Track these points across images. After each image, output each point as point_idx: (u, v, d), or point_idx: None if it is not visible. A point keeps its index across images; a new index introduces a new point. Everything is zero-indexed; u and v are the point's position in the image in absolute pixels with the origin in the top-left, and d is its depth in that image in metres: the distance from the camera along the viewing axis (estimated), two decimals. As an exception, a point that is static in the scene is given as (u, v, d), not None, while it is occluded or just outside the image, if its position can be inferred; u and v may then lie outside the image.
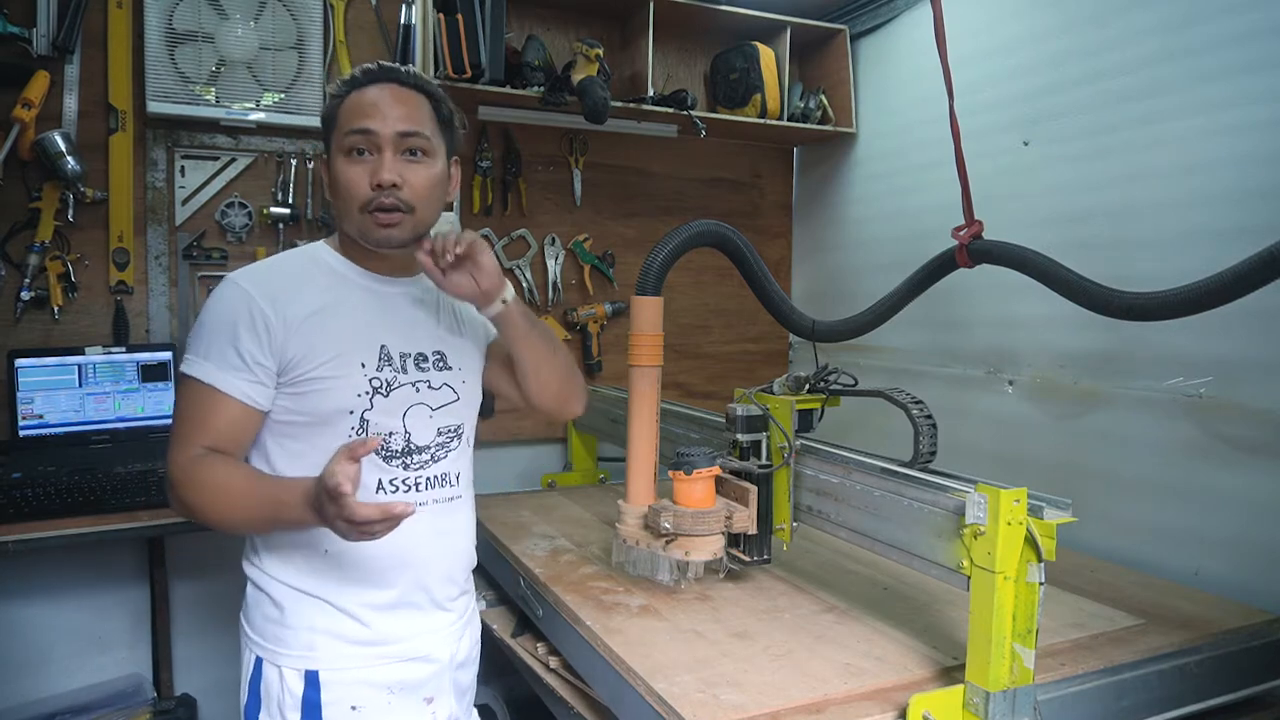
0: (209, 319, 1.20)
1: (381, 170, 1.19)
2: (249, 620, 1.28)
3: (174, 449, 1.18)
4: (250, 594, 1.28)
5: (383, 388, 1.25)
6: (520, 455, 2.69)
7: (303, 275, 1.25)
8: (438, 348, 1.34)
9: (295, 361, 1.20)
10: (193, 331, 1.22)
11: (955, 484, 1.25)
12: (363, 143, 1.21)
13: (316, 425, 1.22)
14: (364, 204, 1.21)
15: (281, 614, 1.24)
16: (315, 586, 1.24)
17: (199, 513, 1.17)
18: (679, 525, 1.49)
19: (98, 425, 2.07)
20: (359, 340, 1.25)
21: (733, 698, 1.19)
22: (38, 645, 2.14)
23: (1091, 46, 1.97)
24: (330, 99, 1.26)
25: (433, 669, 1.32)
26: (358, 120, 1.21)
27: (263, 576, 1.26)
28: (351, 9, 2.34)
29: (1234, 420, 1.70)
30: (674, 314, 2.81)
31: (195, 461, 1.16)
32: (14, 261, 2.06)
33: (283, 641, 1.24)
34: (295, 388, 1.20)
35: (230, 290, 1.21)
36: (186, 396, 1.20)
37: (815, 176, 2.98)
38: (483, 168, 2.52)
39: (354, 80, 1.24)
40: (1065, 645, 1.38)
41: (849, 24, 2.70)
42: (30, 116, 1.99)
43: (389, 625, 1.27)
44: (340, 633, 1.24)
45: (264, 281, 1.22)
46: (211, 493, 1.15)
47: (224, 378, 1.17)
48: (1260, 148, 1.65)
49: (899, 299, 1.94)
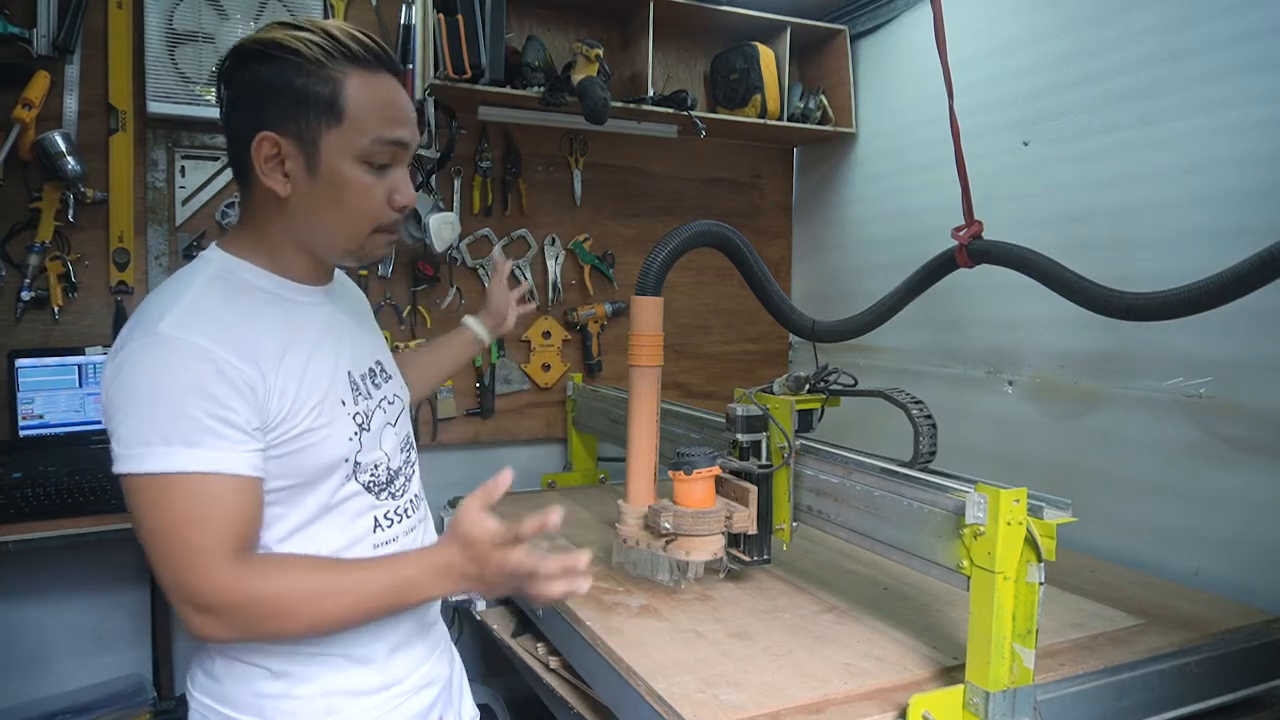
0: (165, 392, 0.91)
1: (406, 191, 1.04)
2: (226, 701, 1.05)
3: (188, 572, 0.92)
4: (221, 669, 1.05)
5: (365, 422, 1.09)
6: (520, 455, 2.69)
7: (245, 309, 1.00)
8: (377, 357, 1.20)
9: (280, 419, 0.98)
10: (122, 413, 0.92)
11: (955, 484, 1.25)
12: (390, 156, 1.02)
13: (304, 485, 1.03)
14: (383, 224, 1.05)
15: (287, 684, 1.05)
16: (327, 645, 1.06)
17: (261, 631, 0.96)
18: (679, 525, 1.49)
19: (98, 425, 2.06)
20: (330, 375, 1.06)
21: (733, 698, 1.19)
22: (38, 645, 2.14)
23: (1091, 47, 1.97)
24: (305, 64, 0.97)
25: (437, 690, 1.24)
26: (393, 128, 1.01)
27: (244, 648, 1.04)
28: (351, 9, 2.34)
29: (1234, 420, 1.70)
30: (674, 314, 2.81)
31: (239, 576, 0.93)
32: (14, 261, 2.05)
33: (293, 714, 1.05)
34: (281, 448, 0.99)
35: (175, 347, 0.92)
36: (168, 502, 0.91)
37: (815, 176, 2.98)
38: (483, 168, 2.52)
39: (352, 55, 0.99)
40: (1065, 645, 1.38)
41: (849, 24, 2.70)
42: (30, 117, 1.98)
43: (403, 663, 1.15)
44: (361, 686, 1.10)
45: (213, 329, 0.95)
46: (284, 604, 0.94)
47: (218, 456, 0.92)
48: (1260, 148, 1.65)
49: (899, 299, 1.94)
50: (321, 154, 0.99)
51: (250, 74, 0.99)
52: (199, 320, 0.95)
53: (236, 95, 1.01)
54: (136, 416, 0.91)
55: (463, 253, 2.53)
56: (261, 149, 0.98)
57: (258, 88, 0.99)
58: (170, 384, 0.92)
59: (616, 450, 2.35)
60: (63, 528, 1.74)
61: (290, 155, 0.99)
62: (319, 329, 1.08)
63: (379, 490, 1.12)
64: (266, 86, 0.98)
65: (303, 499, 1.03)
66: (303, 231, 1.05)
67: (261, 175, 1.00)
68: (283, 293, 1.06)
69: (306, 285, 1.09)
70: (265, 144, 0.98)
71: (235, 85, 1.01)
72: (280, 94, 0.98)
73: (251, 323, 0.99)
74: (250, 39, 1.00)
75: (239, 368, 0.94)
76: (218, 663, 1.06)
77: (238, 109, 1.01)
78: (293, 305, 1.06)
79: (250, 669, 1.05)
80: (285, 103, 0.98)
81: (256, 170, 1.00)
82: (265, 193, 1.02)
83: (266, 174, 1.00)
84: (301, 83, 0.97)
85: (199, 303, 0.98)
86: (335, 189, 1.01)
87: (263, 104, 0.98)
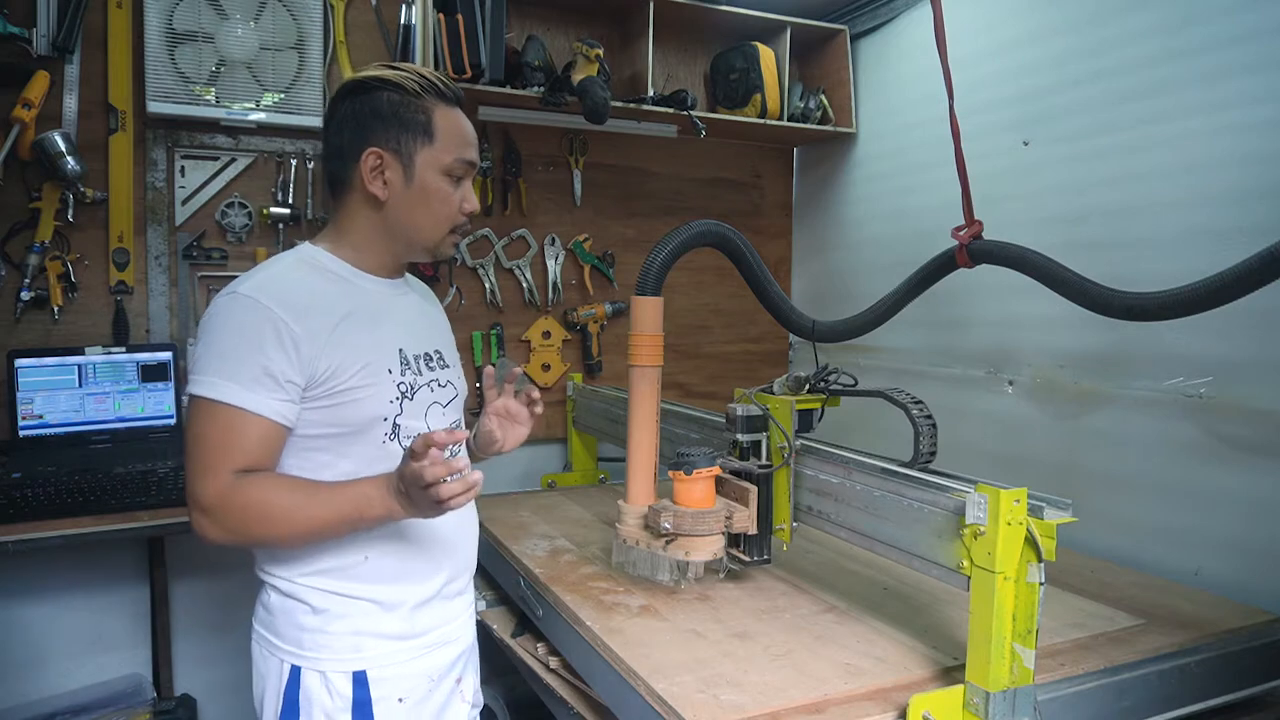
0: (227, 338, 1.15)
1: (473, 199, 1.29)
2: (275, 631, 1.25)
3: (201, 478, 1.13)
4: (275, 603, 1.25)
5: (408, 391, 1.27)
6: (520, 455, 2.68)
7: (314, 285, 1.22)
8: (437, 346, 1.38)
9: (326, 375, 1.18)
10: (201, 350, 1.16)
11: (955, 484, 1.25)
12: (464, 171, 1.27)
13: (349, 435, 1.21)
14: (455, 226, 1.29)
15: (323, 619, 1.23)
16: (360, 589, 1.24)
17: (248, 534, 1.14)
18: (679, 525, 1.49)
19: (98, 425, 2.07)
20: (381, 347, 1.25)
21: (733, 698, 1.19)
22: (38, 645, 2.14)
23: (1091, 47, 1.97)
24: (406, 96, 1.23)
25: (459, 650, 1.38)
26: (468, 150, 1.27)
27: (293, 585, 1.23)
28: (351, 9, 2.34)
29: (1234, 420, 1.70)
30: (674, 314, 2.81)
31: (233, 486, 1.12)
32: (14, 261, 2.05)
33: (326, 647, 1.23)
34: (326, 400, 1.19)
35: (248, 306, 1.15)
36: (209, 421, 1.14)
37: (815, 176, 2.98)
38: (483, 168, 2.52)
39: (440, 92, 1.25)
40: (1065, 645, 1.38)
41: (849, 24, 2.70)
42: (30, 116, 1.98)
43: (428, 617, 1.30)
44: (385, 631, 1.26)
45: (281, 295, 1.17)
46: (264, 510, 1.13)
47: (255, 398, 1.13)
48: (1260, 148, 1.65)
49: (899, 299, 1.94)
50: (416, 166, 1.24)
51: (359, 102, 1.23)
52: (272, 288, 1.18)
53: (345, 118, 1.24)
54: (207, 353, 1.15)
55: (463, 253, 2.53)
56: (368, 161, 1.22)
57: (367, 113, 1.23)
58: (236, 333, 1.14)
59: (616, 450, 2.35)
60: (63, 528, 1.74)
61: (391, 166, 1.23)
62: (378, 309, 1.27)
63: None
64: (374, 112, 1.22)
65: (347, 449, 1.21)
66: (395, 230, 1.27)
67: (366, 182, 1.23)
68: (352, 278, 1.27)
69: (376, 276, 1.30)
70: (371, 157, 1.22)
71: (344, 109, 1.24)
72: (385, 117, 1.22)
73: (315, 294, 1.21)
74: (359, 75, 1.25)
75: (291, 327, 1.15)
76: (272, 597, 1.25)
77: (345, 129, 1.24)
78: (357, 287, 1.27)
79: (295, 605, 1.23)
80: (390, 124, 1.22)
81: (362, 178, 1.23)
82: (365, 198, 1.25)
83: (371, 181, 1.23)
84: (403, 110, 1.22)
85: (278, 277, 1.21)
86: (425, 195, 1.25)
87: (370, 126, 1.22)
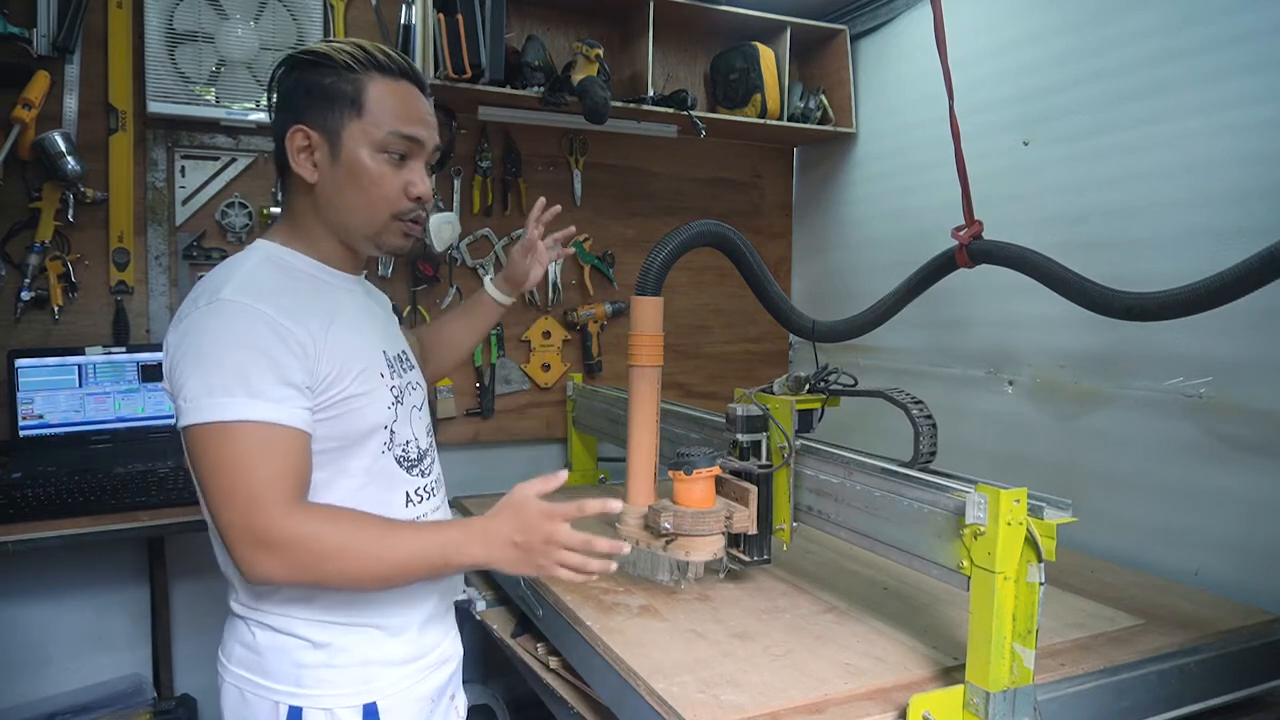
0: (229, 350, 1.01)
1: (421, 183, 1.15)
2: (264, 671, 1.12)
3: (259, 511, 0.98)
4: (264, 641, 1.12)
5: (400, 396, 1.20)
6: (520, 455, 2.69)
7: (289, 285, 1.12)
8: (403, 346, 1.31)
9: (328, 382, 1.08)
10: (194, 369, 1.01)
11: (955, 484, 1.24)
12: (405, 149, 1.13)
13: (349, 448, 1.13)
14: (399, 212, 1.15)
15: (327, 654, 1.13)
16: (365, 616, 1.15)
17: (321, 572, 1.01)
18: (679, 525, 1.49)
19: (98, 425, 2.07)
20: (370, 349, 1.17)
21: (733, 698, 1.19)
22: (38, 645, 2.14)
23: (1091, 46, 1.97)
24: (337, 69, 1.11)
25: (453, 667, 1.34)
26: (408, 125, 1.13)
27: (289, 621, 1.12)
28: (351, 9, 2.34)
29: (1234, 420, 1.70)
30: (674, 314, 2.81)
31: (302, 517, 1.00)
32: (14, 261, 2.05)
33: (330, 682, 1.13)
34: (328, 411, 1.09)
35: (239, 312, 1.03)
36: (242, 444, 0.99)
37: (815, 176, 2.98)
38: (483, 168, 2.52)
39: (379, 64, 1.12)
40: (1065, 645, 1.38)
41: (849, 24, 2.70)
42: (30, 116, 1.98)
43: (432, 635, 1.26)
44: (394, 656, 1.18)
45: (268, 298, 1.06)
46: (341, 545, 1.00)
47: (286, 411, 1.01)
48: (1260, 148, 1.65)
49: (899, 299, 1.93)
50: (343, 143, 1.11)
51: (291, 79, 1.14)
52: (256, 288, 1.06)
53: (279, 97, 1.15)
54: (202, 372, 1.01)
55: (463, 253, 2.53)
56: (294, 140, 1.11)
57: (295, 89, 1.13)
58: (233, 342, 1.01)
59: (616, 450, 2.35)
60: (63, 528, 1.74)
61: (318, 145, 1.12)
62: (355, 309, 1.19)
63: (410, 466, 1.22)
64: (302, 87, 1.12)
65: (346, 463, 1.13)
66: (329, 215, 1.16)
67: (294, 164, 1.12)
68: (321, 275, 1.18)
69: (341, 271, 1.21)
70: (298, 135, 1.11)
71: (279, 89, 1.16)
72: (312, 93, 1.11)
73: (299, 295, 1.11)
74: (295, 51, 1.15)
75: (292, 331, 1.04)
76: (259, 636, 1.13)
77: (279, 109, 1.15)
78: (330, 286, 1.18)
79: (292, 641, 1.12)
80: (316, 100, 1.11)
81: (290, 160, 1.12)
82: (299, 182, 1.15)
83: (298, 163, 1.12)
84: (330, 82, 1.11)
85: (254, 277, 1.09)
86: (354, 174, 1.12)
87: (298, 102, 1.12)
